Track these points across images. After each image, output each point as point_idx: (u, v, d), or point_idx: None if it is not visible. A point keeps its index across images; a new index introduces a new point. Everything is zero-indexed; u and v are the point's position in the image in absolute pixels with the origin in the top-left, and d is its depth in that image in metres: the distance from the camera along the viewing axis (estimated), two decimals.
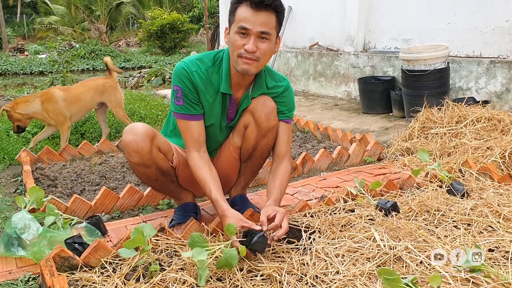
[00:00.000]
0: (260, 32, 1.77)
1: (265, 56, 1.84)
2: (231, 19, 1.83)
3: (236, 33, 1.79)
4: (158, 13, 16.85)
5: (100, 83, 3.83)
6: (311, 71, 6.67)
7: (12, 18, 29.53)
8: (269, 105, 2.00)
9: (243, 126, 2.08)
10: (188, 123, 1.96)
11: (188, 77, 1.91)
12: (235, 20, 1.80)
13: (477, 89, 4.40)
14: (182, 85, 1.92)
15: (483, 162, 2.83)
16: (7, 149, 3.62)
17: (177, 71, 1.93)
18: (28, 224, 1.94)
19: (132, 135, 1.94)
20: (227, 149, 2.18)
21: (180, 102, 1.94)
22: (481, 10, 4.51)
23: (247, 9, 1.75)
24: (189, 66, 1.93)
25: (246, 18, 1.75)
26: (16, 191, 2.88)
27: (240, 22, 1.76)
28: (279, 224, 1.73)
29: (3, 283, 1.73)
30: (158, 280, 1.57)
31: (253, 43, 1.77)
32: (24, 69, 12.18)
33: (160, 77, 8.97)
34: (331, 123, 4.71)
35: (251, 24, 1.75)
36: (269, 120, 2.00)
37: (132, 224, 2.32)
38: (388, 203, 2.14)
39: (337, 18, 6.25)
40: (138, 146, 1.94)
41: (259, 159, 2.16)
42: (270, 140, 2.07)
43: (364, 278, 1.57)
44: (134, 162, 1.99)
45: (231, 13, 1.82)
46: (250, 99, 2.02)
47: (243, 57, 1.80)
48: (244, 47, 1.78)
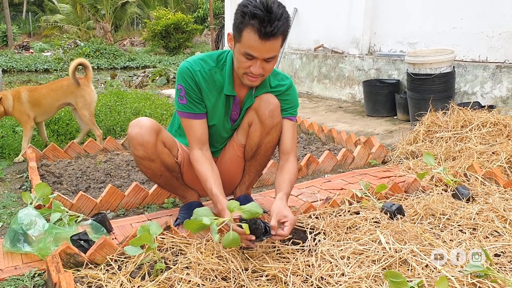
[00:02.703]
0: (267, 58, 1.78)
1: (270, 71, 1.88)
2: (236, 35, 1.77)
3: (241, 54, 1.78)
4: (163, 13, 16.88)
5: (65, 84, 3.73)
6: (315, 73, 6.67)
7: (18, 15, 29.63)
8: (272, 102, 2.01)
9: (247, 124, 2.10)
10: (191, 121, 1.99)
11: (191, 76, 1.93)
12: (241, 41, 1.75)
13: (483, 94, 4.40)
14: (185, 84, 1.94)
15: (489, 166, 2.83)
16: (13, 146, 3.64)
17: (181, 70, 1.95)
18: (34, 220, 1.94)
19: (137, 128, 1.95)
20: (231, 148, 2.19)
21: (184, 101, 1.96)
22: (487, 14, 4.50)
23: (254, 37, 1.70)
24: (192, 65, 1.94)
25: (253, 47, 1.73)
26: (22, 187, 2.89)
27: (247, 49, 1.74)
28: (286, 235, 1.72)
29: (9, 279, 1.74)
30: (164, 278, 1.57)
31: (259, 67, 1.79)
32: (29, 67, 12.21)
33: (164, 77, 8.99)
34: (335, 125, 4.71)
35: (258, 53, 1.74)
36: (272, 117, 2.01)
37: (137, 222, 2.32)
38: (393, 206, 2.14)
39: (342, 20, 6.25)
40: (143, 139, 1.95)
41: (264, 156, 2.16)
42: (274, 137, 2.07)
43: (370, 281, 1.57)
44: (139, 156, 1.99)
45: (237, 28, 1.75)
46: (253, 98, 2.03)
47: (249, 75, 1.83)
48: (250, 69, 1.80)
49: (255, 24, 1.67)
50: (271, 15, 1.67)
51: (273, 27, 1.68)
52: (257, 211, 1.61)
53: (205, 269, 1.63)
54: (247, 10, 1.68)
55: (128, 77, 9.92)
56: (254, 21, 1.67)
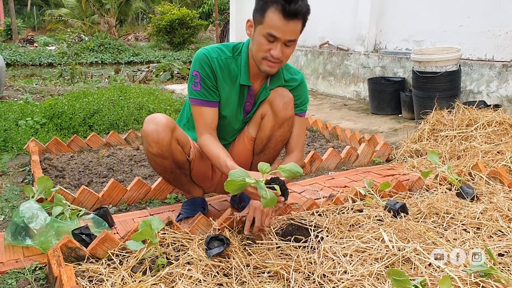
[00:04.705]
0: (288, 40, 1.79)
1: (287, 58, 1.88)
2: (258, 17, 1.79)
3: (263, 36, 1.79)
4: (168, 8, 16.86)
5: None
6: (320, 70, 6.64)
7: (22, 9, 29.66)
8: (287, 95, 2.02)
9: (260, 116, 2.09)
10: (203, 109, 1.97)
11: (208, 63, 1.93)
12: (264, 22, 1.76)
13: (488, 93, 4.37)
14: (201, 70, 1.93)
15: (493, 166, 2.81)
16: (16, 139, 3.63)
17: (198, 56, 1.95)
18: (36, 214, 1.94)
19: (153, 125, 1.93)
20: (242, 141, 2.18)
21: (198, 87, 1.95)
22: (494, 13, 4.46)
23: (278, 17, 1.73)
24: (210, 52, 1.95)
25: (277, 27, 1.74)
26: (24, 181, 2.89)
27: (270, 29, 1.75)
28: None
29: (10, 272, 1.73)
30: (165, 273, 1.57)
31: (280, 50, 1.80)
32: (33, 61, 12.24)
33: (168, 72, 8.98)
34: (339, 122, 4.69)
35: (281, 33, 1.76)
36: (286, 109, 2.01)
37: (139, 217, 2.32)
38: (397, 204, 2.13)
39: (348, 17, 6.22)
40: (159, 137, 1.93)
41: (273, 151, 2.14)
42: (286, 131, 2.06)
43: (372, 279, 1.55)
44: (153, 153, 1.97)
45: (260, 10, 1.78)
46: (268, 91, 2.03)
47: (268, 60, 1.84)
48: (270, 52, 1.81)
49: (280, 2, 1.71)
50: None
51: (297, 5, 1.73)
52: (297, 170, 1.61)
53: (206, 265, 1.63)
54: None
55: (132, 72, 9.92)
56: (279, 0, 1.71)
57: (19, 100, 5.23)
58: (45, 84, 7.98)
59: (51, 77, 8.99)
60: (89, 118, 4.26)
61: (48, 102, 4.49)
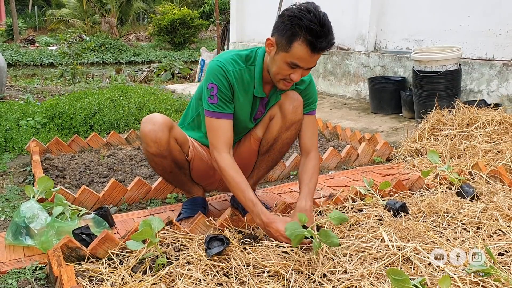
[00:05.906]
0: (310, 67, 1.82)
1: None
2: (284, 44, 1.75)
3: (286, 63, 1.79)
4: (169, 8, 16.89)
5: None
6: (320, 70, 6.64)
7: (24, 9, 29.70)
8: (297, 98, 2.03)
9: (268, 118, 2.10)
10: (220, 122, 1.93)
11: (224, 76, 1.90)
12: (289, 51, 1.74)
13: (489, 92, 4.36)
14: (218, 83, 1.90)
15: (494, 165, 2.81)
16: (17, 139, 3.64)
17: (213, 68, 1.91)
18: (36, 214, 1.94)
19: (151, 125, 1.94)
20: (248, 141, 2.18)
21: (214, 100, 1.91)
22: (495, 12, 4.46)
23: (306, 51, 1.72)
24: (225, 65, 1.91)
25: (302, 59, 1.75)
26: (25, 181, 2.90)
27: (295, 60, 1.76)
28: None
29: (10, 272, 1.74)
30: (165, 273, 1.57)
31: (300, 75, 1.83)
32: (34, 61, 12.26)
33: (169, 72, 8.99)
34: (340, 122, 4.69)
35: (305, 64, 1.78)
36: (295, 113, 2.02)
37: (139, 216, 2.32)
38: (397, 204, 2.13)
39: (348, 16, 6.21)
40: (156, 136, 1.93)
41: (278, 153, 2.15)
42: (293, 134, 2.07)
43: (372, 278, 1.56)
44: (152, 153, 1.98)
45: (287, 38, 1.73)
46: (279, 95, 2.04)
47: (286, 81, 1.87)
48: (290, 77, 1.82)
49: (310, 39, 1.70)
50: (324, 29, 1.71)
51: (327, 42, 1.73)
52: (345, 217, 1.73)
53: (206, 265, 1.63)
54: (302, 24, 1.68)
55: (133, 72, 9.94)
56: (310, 36, 1.69)
57: (20, 100, 5.24)
58: (46, 84, 8.00)
59: (52, 77, 9.01)
60: (90, 118, 4.26)
61: (49, 102, 4.50)
